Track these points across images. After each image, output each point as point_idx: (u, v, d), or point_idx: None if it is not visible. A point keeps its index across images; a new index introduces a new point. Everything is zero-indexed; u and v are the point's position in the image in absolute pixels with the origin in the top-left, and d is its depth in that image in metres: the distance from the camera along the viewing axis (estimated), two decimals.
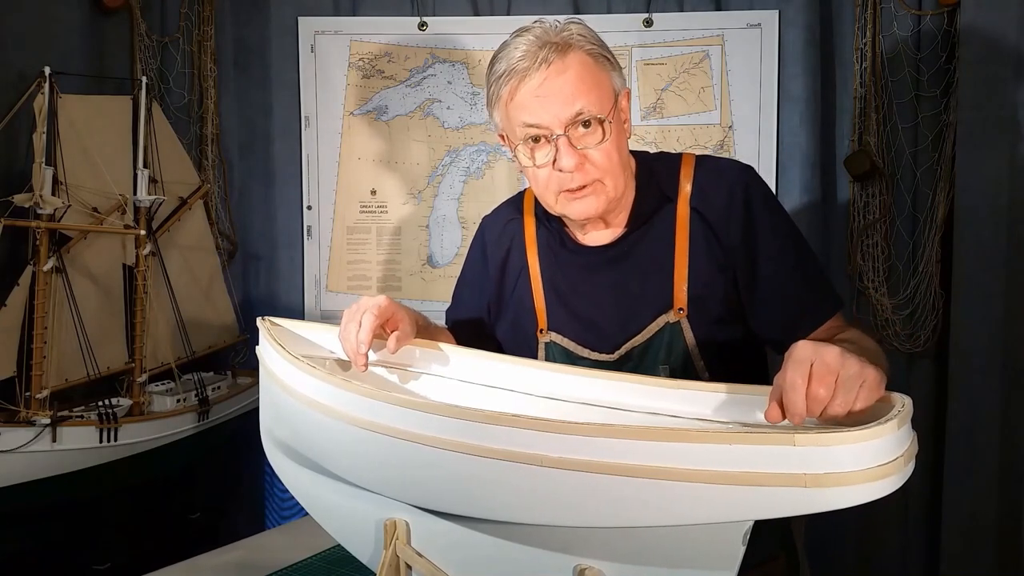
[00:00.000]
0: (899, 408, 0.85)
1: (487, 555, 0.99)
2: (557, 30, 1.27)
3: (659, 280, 1.34)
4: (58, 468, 2.34)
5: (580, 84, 1.25)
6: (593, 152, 1.27)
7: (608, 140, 1.27)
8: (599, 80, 1.28)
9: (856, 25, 2.57)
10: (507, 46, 1.29)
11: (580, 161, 1.26)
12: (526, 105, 1.26)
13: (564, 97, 1.24)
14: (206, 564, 1.61)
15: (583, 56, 1.27)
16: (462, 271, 1.63)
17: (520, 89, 1.26)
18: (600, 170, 1.28)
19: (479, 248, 1.57)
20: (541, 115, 1.25)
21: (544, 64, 1.24)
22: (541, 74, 1.24)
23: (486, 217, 1.59)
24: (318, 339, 1.35)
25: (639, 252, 1.37)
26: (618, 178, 1.30)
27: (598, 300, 1.39)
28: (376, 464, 1.02)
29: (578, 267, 1.41)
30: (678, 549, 0.88)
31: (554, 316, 1.42)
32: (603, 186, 1.29)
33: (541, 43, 1.25)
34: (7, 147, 2.40)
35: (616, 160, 1.29)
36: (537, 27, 1.28)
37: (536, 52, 1.25)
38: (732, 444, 0.78)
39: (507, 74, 1.26)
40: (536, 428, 0.86)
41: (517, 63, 1.25)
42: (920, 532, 2.61)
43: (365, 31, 2.80)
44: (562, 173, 1.27)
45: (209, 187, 2.83)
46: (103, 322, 2.53)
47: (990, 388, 2.33)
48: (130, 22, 2.73)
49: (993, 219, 2.31)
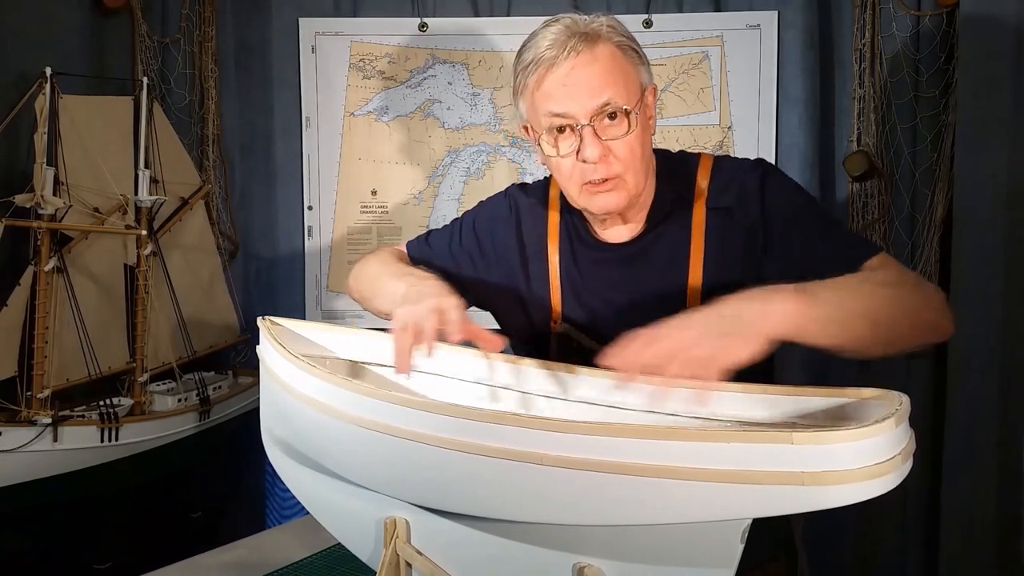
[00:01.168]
0: (896, 406, 0.86)
1: (487, 553, 1.00)
2: (587, 21, 1.27)
3: (673, 281, 1.34)
4: (59, 468, 2.35)
5: (608, 75, 1.24)
6: (617, 144, 1.26)
7: (632, 133, 1.26)
8: (627, 72, 1.27)
9: (855, 26, 2.57)
10: (535, 36, 1.28)
11: (604, 153, 1.26)
12: (553, 94, 1.26)
13: (592, 87, 1.24)
14: (207, 563, 1.62)
15: (612, 47, 1.26)
16: (449, 231, 1.55)
17: (547, 78, 1.25)
18: (623, 164, 1.27)
19: (505, 213, 1.50)
20: (568, 104, 1.25)
21: (573, 53, 1.24)
22: (569, 63, 1.24)
23: (514, 188, 1.54)
24: (319, 339, 1.35)
25: (654, 252, 1.37)
26: (639, 174, 1.30)
27: (611, 297, 1.38)
28: (376, 463, 1.03)
29: (593, 262, 1.41)
30: (677, 547, 0.88)
31: (568, 308, 1.42)
32: (624, 182, 1.28)
33: (570, 33, 1.25)
34: (8, 147, 2.41)
35: (639, 155, 1.28)
36: (567, 17, 1.28)
37: (565, 41, 1.24)
38: (730, 443, 0.79)
39: (535, 63, 1.26)
40: (536, 427, 0.87)
41: (545, 51, 1.25)
42: (918, 531, 2.61)
43: (366, 32, 2.80)
44: (585, 164, 1.27)
45: (210, 187, 2.84)
46: (104, 322, 2.54)
47: (988, 387, 2.33)
48: (131, 22, 2.74)
49: (992, 219, 2.31)
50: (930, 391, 2.56)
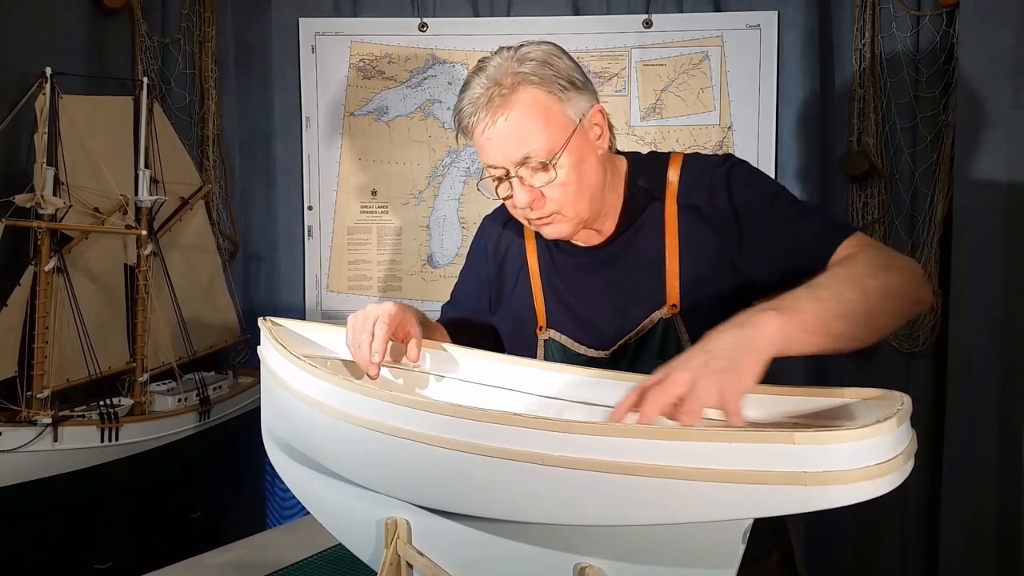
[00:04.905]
0: (898, 406, 0.86)
1: (488, 554, 1.00)
2: (509, 67, 1.26)
3: (651, 277, 1.36)
4: (59, 468, 2.35)
5: (526, 125, 1.25)
6: (547, 189, 1.28)
7: (559, 177, 1.27)
8: (550, 117, 1.26)
9: (855, 26, 2.57)
10: (466, 84, 1.30)
11: (534, 197, 1.28)
12: (480, 145, 1.29)
13: (511, 140, 1.26)
14: (207, 563, 1.62)
15: (532, 92, 1.25)
16: (462, 270, 1.64)
17: (475, 128, 1.28)
18: (557, 203, 1.29)
19: (480, 246, 1.59)
20: (493, 156, 1.28)
21: (490, 107, 1.25)
22: (490, 117, 1.25)
23: (486, 217, 1.61)
24: (319, 339, 1.35)
25: (630, 251, 1.39)
26: (579, 206, 1.31)
27: (593, 299, 1.41)
28: (377, 463, 1.02)
29: (572, 267, 1.43)
30: (678, 547, 0.88)
31: (552, 314, 1.44)
32: (562, 216, 1.31)
33: (491, 83, 1.26)
34: (8, 147, 2.41)
35: (574, 191, 1.29)
36: (494, 61, 1.28)
37: (484, 93, 1.26)
38: (732, 443, 0.79)
39: (467, 111, 1.28)
40: (537, 427, 0.87)
41: (475, 101, 1.27)
42: (919, 531, 2.62)
43: (366, 32, 2.80)
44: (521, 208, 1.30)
45: (210, 187, 2.84)
46: (104, 322, 2.54)
47: (989, 387, 2.33)
48: (131, 23, 2.74)
49: (992, 219, 2.31)
50: (930, 391, 2.56)
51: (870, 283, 1.09)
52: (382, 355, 1.24)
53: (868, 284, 1.09)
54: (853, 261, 1.16)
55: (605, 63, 2.73)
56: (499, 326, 1.54)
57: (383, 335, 1.24)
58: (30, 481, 2.29)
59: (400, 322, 1.29)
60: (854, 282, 1.10)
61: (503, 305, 1.52)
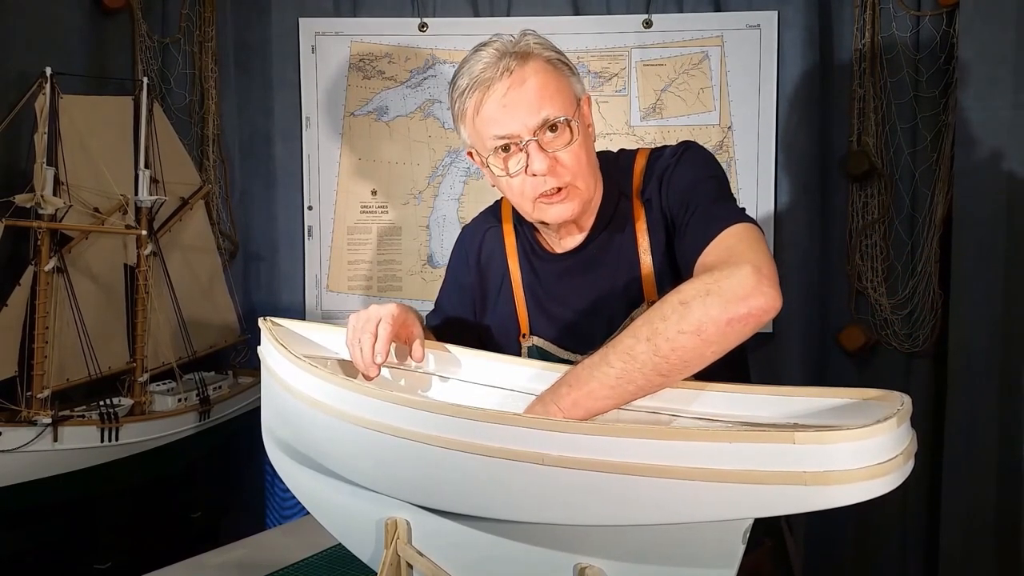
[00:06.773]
0: (898, 406, 0.86)
1: (488, 554, 1.00)
2: (514, 41, 1.31)
3: (628, 276, 1.37)
4: (59, 468, 2.35)
5: (543, 90, 1.28)
6: (563, 154, 1.30)
7: (576, 141, 1.30)
8: (560, 85, 1.31)
9: (855, 26, 2.57)
10: (467, 61, 1.32)
11: (552, 164, 1.29)
12: (493, 116, 1.29)
13: (529, 104, 1.27)
14: (207, 563, 1.62)
15: (542, 63, 1.30)
16: (444, 279, 1.65)
17: (485, 101, 1.28)
18: (571, 172, 1.31)
19: (462, 254, 1.59)
20: (509, 124, 1.28)
21: (507, 73, 1.27)
22: (505, 83, 1.27)
23: (465, 227, 1.63)
24: (319, 339, 1.35)
25: (606, 252, 1.40)
26: (589, 179, 1.34)
27: (573, 303, 1.42)
28: (377, 463, 1.02)
29: (553, 275, 1.45)
30: (678, 547, 0.88)
31: (535, 320, 1.46)
32: (576, 189, 1.32)
33: (501, 54, 1.28)
34: (8, 147, 2.41)
35: (585, 161, 1.32)
36: (495, 41, 1.31)
37: (497, 63, 1.28)
38: (732, 443, 0.79)
39: (471, 87, 1.29)
40: (538, 427, 0.87)
41: (480, 75, 1.28)
42: (919, 531, 2.62)
43: (366, 32, 2.80)
44: (536, 178, 1.30)
45: (210, 187, 2.84)
46: (104, 322, 2.54)
47: (989, 388, 2.34)
48: (131, 23, 2.74)
49: (992, 219, 2.31)
50: (930, 391, 2.56)
51: (660, 326, 1.06)
52: (385, 355, 1.24)
53: (658, 328, 1.06)
54: (661, 302, 1.10)
55: (605, 63, 2.73)
56: (483, 334, 1.54)
57: (387, 335, 1.24)
58: (30, 481, 2.29)
59: (403, 323, 1.29)
60: (649, 330, 1.06)
61: (487, 313, 1.53)
